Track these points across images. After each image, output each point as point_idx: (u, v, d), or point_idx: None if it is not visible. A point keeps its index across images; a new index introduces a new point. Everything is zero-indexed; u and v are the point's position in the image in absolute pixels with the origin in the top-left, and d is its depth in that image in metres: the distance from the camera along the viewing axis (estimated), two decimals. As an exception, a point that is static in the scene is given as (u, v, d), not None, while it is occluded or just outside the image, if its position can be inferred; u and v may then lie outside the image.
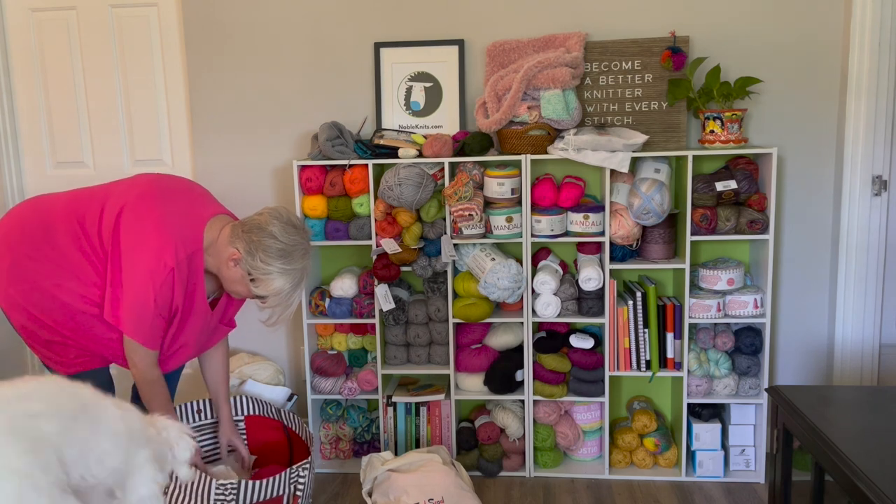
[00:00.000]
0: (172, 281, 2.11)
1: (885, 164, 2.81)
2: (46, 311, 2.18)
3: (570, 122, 2.76)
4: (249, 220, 2.18)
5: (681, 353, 2.76)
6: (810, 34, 2.84)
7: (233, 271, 2.16)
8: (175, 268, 2.09)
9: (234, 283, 2.20)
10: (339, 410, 3.05)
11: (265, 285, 2.14)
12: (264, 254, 2.11)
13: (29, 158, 3.28)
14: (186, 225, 2.15)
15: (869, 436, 1.91)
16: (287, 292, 2.16)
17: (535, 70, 2.71)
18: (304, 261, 2.19)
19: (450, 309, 2.83)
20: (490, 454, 2.90)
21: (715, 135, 2.69)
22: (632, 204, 2.68)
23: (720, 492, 2.75)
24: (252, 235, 2.12)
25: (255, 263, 2.12)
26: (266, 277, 2.13)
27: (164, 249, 2.08)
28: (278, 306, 2.20)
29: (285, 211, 2.21)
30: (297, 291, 2.20)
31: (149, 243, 2.09)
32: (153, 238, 2.09)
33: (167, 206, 2.16)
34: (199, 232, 2.17)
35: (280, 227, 2.14)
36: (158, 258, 2.08)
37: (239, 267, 2.14)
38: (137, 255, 2.09)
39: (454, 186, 2.70)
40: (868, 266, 2.86)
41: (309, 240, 2.24)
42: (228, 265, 2.16)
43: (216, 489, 2.21)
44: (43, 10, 3.18)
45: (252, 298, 2.22)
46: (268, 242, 2.11)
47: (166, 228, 2.11)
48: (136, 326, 2.12)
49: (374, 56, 3.01)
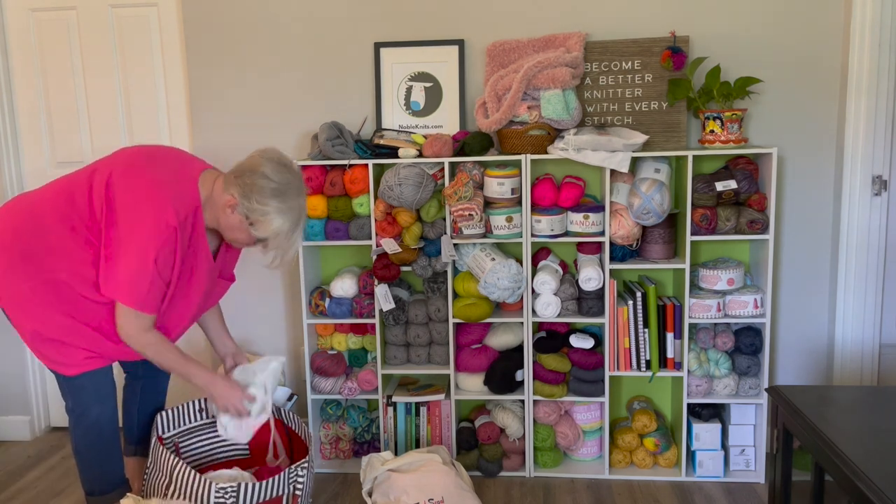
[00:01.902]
0: (175, 241, 2.10)
1: (885, 164, 2.81)
2: (50, 305, 2.17)
3: (570, 122, 2.76)
4: (241, 166, 2.19)
5: (681, 353, 2.76)
6: (810, 34, 2.84)
7: (231, 218, 2.17)
8: (178, 227, 2.09)
9: (233, 231, 2.20)
10: (339, 410, 3.05)
11: (264, 227, 2.15)
12: (259, 195, 2.12)
13: (29, 158, 3.28)
14: (180, 185, 2.16)
15: (869, 436, 1.91)
16: (286, 232, 2.17)
17: (535, 70, 2.71)
18: (299, 199, 2.20)
19: (450, 309, 2.83)
20: (490, 454, 2.90)
21: (715, 135, 2.69)
22: (632, 204, 2.68)
23: (720, 492, 2.75)
24: (245, 179, 2.14)
25: (251, 206, 2.13)
26: (264, 218, 2.13)
27: (163, 210, 2.08)
28: (279, 248, 2.20)
29: (274, 151, 2.23)
30: (297, 232, 2.21)
31: (146, 207, 2.08)
32: (150, 201, 2.09)
33: (156, 170, 2.16)
34: (194, 190, 2.18)
35: (271, 167, 2.16)
36: (158, 219, 2.07)
37: (236, 213, 2.15)
38: (135, 220, 2.08)
39: (454, 186, 2.70)
40: (868, 266, 2.86)
41: (301, 179, 2.25)
42: (226, 212, 2.16)
43: (216, 492, 2.21)
44: (43, 10, 3.17)
45: (253, 245, 2.23)
46: (261, 183, 2.13)
47: (161, 191, 2.11)
48: (131, 290, 2.10)
49: (374, 56, 3.01)
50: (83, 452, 2.36)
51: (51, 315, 2.18)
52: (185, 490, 2.24)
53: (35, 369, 3.37)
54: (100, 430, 2.34)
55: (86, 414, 2.31)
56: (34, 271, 2.17)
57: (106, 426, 2.35)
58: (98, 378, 2.30)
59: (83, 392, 2.30)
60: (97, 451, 2.36)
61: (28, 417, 3.36)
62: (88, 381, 2.29)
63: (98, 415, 2.32)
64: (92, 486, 2.39)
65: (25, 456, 3.20)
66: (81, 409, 2.31)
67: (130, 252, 2.08)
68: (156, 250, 2.07)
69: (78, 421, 2.33)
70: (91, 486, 2.39)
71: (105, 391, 2.33)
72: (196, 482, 2.23)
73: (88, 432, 2.33)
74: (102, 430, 2.34)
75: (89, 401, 2.31)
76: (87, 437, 2.34)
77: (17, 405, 3.36)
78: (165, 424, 2.59)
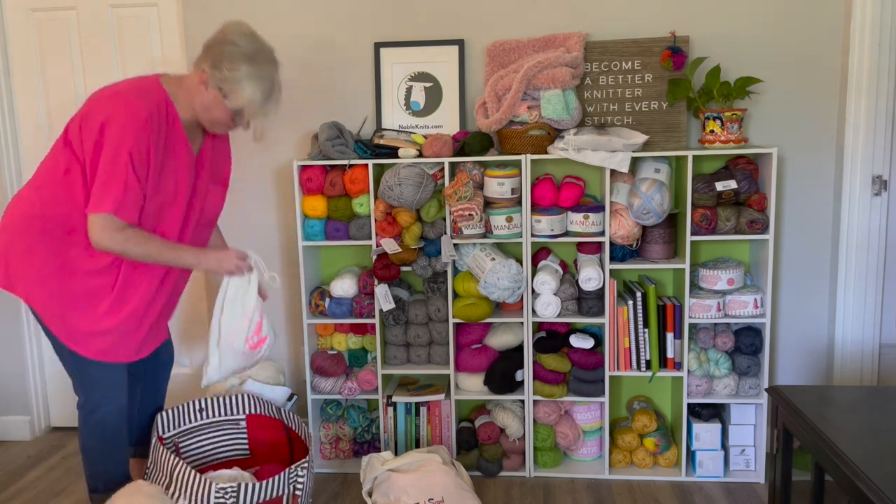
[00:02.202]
0: (148, 131, 2.09)
1: (885, 164, 2.81)
2: (75, 268, 2.19)
3: (570, 122, 2.76)
4: (209, 41, 2.21)
5: (681, 353, 2.76)
6: (810, 34, 2.84)
7: (205, 96, 2.18)
8: (148, 117, 2.09)
9: (209, 111, 2.20)
10: (339, 410, 3.05)
11: (237, 95, 2.15)
12: (229, 61, 2.14)
13: (29, 158, 3.27)
14: (143, 84, 2.18)
15: (869, 436, 1.91)
16: (260, 100, 2.18)
17: (535, 70, 2.71)
18: (271, 67, 2.21)
19: (450, 309, 2.83)
20: (490, 454, 2.90)
21: (715, 135, 2.69)
22: (632, 204, 2.69)
23: (720, 492, 2.75)
24: (214, 50, 2.16)
25: (222, 74, 2.14)
26: (236, 86, 2.14)
27: (130, 104, 2.09)
28: (256, 117, 2.21)
29: (244, 23, 2.24)
30: (271, 102, 2.21)
31: (114, 110, 2.09)
32: (116, 105, 2.10)
33: (115, 86, 2.19)
34: (157, 85, 2.19)
35: (239, 35, 2.18)
36: (128, 114, 2.08)
37: (210, 88, 2.16)
38: (107, 125, 2.08)
39: (454, 186, 2.70)
40: (868, 266, 2.86)
41: (273, 52, 2.26)
42: (200, 91, 2.18)
43: (216, 492, 2.21)
44: (43, 10, 3.17)
45: (232, 124, 2.23)
46: (230, 50, 2.15)
47: (126, 93, 2.13)
48: (105, 191, 2.08)
49: (374, 56, 3.01)
50: (90, 449, 2.38)
51: (79, 279, 2.19)
52: (185, 490, 2.24)
53: (35, 369, 3.37)
54: (108, 429, 2.36)
55: (96, 411, 2.33)
56: (57, 247, 2.18)
57: (114, 425, 2.37)
58: (112, 375, 2.31)
59: (96, 387, 2.31)
60: (104, 448, 2.38)
61: (28, 417, 3.36)
62: (103, 375, 2.30)
63: (107, 413, 2.34)
64: (96, 484, 2.41)
65: (25, 456, 3.20)
66: (92, 406, 2.33)
67: (108, 155, 2.07)
68: (129, 147, 2.06)
69: (87, 417, 2.34)
70: (95, 484, 2.41)
71: (117, 389, 2.34)
72: (196, 482, 2.23)
73: (96, 429, 2.35)
74: (111, 428, 2.36)
75: (101, 398, 2.32)
76: (94, 435, 2.36)
77: (17, 405, 3.36)
78: (165, 424, 2.60)
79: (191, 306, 3.27)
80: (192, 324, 3.30)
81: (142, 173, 2.11)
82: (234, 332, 2.37)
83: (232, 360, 2.41)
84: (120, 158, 2.06)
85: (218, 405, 2.70)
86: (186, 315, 3.27)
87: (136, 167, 2.08)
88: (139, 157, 2.09)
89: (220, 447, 2.73)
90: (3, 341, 3.32)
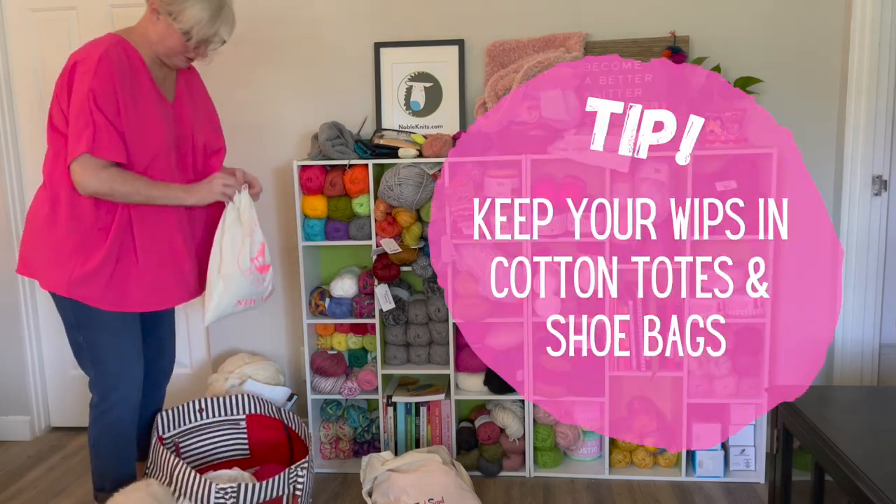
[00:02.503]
0: (109, 69, 2.12)
1: (885, 164, 2.81)
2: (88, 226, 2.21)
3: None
4: None
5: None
6: (810, 34, 2.84)
7: (158, 26, 2.21)
8: (104, 53, 2.12)
9: (164, 41, 2.22)
10: (339, 410, 3.05)
11: (185, 17, 2.18)
12: None
13: (29, 159, 3.27)
14: (98, 39, 2.21)
15: (869, 436, 1.92)
16: (208, 19, 2.20)
17: (535, 70, 2.71)
18: None
19: (450, 309, 2.83)
20: (490, 454, 2.90)
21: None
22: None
23: (720, 492, 2.75)
24: None
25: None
26: (184, 5, 2.17)
27: (86, 51, 2.14)
28: (207, 39, 2.24)
29: None
30: (219, 21, 2.24)
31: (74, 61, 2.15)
32: (76, 57, 2.16)
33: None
34: (110, 35, 2.23)
35: None
36: (85, 60, 2.12)
37: (161, 17, 2.20)
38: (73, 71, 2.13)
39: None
40: (868, 266, 2.86)
41: None
42: (152, 21, 2.22)
43: (216, 492, 2.21)
44: (43, 10, 3.17)
45: (186, 50, 2.25)
46: None
47: (84, 46, 2.18)
48: (77, 135, 2.11)
49: (374, 56, 3.01)
50: (100, 448, 2.39)
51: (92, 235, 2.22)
52: (185, 490, 2.24)
53: (35, 369, 3.37)
54: (119, 428, 2.37)
55: (109, 411, 2.34)
56: (76, 224, 2.21)
57: (126, 424, 2.38)
58: (127, 366, 2.33)
59: (107, 380, 2.32)
60: (114, 448, 2.39)
61: (28, 417, 3.36)
62: (119, 367, 2.32)
63: (122, 412, 2.35)
64: (103, 483, 2.40)
65: (25, 456, 3.20)
66: (107, 405, 2.34)
67: (74, 101, 2.12)
68: (91, 86, 2.09)
69: (100, 416, 2.35)
70: (102, 483, 2.41)
71: (131, 384, 2.35)
72: (196, 482, 2.23)
73: (109, 429, 2.36)
74: (123, 427, 2.37)
75: (115, 397, 2.33)
76: (106, 434, 2.36)
77: (17, 405, 3.36)
78: (165, 424, 2.60)
79: (190, 306, 3.27)
80: (192, 324, 3.30)
81: (111, 110, 2.13)
82: (237, 252, 2.37)
83: (238, 285, 2.39)
84: (85, 100, 2.10)
85: (218, 405, 2.70)
86: (187, 315, 3.27)
87: (102, 106, 2.11)
88: (104, 96, 2.11)
89: (220, 447, 2.73)
90: (3, 341, 3.32)
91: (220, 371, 3.01)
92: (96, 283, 2.22)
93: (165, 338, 2.59)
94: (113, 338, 2.31)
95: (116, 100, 2.13)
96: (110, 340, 2.31)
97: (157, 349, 2.54)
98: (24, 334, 3.32)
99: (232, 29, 2.32)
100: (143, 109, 2.21)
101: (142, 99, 2.21)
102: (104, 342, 2.30)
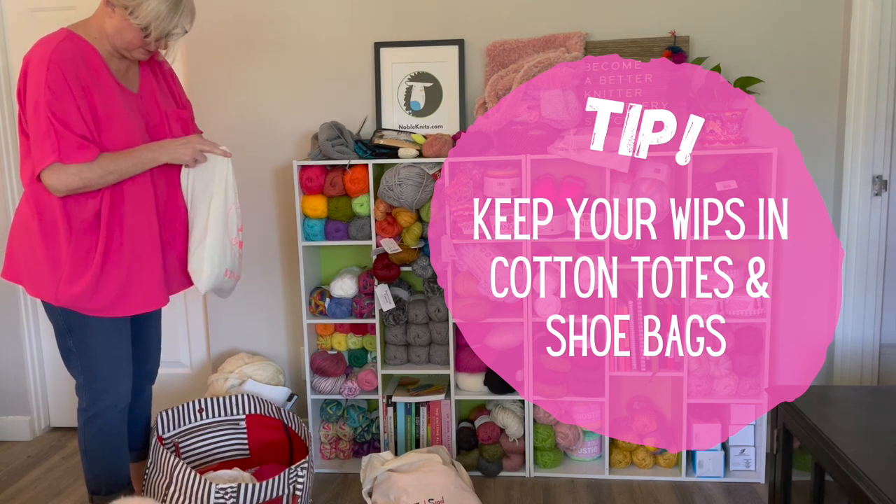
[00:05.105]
0: (60, 71, 2.07)
1: (885, 164, 2.81)
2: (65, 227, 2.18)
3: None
4: None
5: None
6: (810, 34, 2.84)
7: (114, 20, 2.15)
8: (52, 56, 2.07)
9: (121, 35, 2.16)
10: (339, 410, 3.05)
11: (143, 12, 2.11)
12: None
13: (29, 158, 3.27)
14: (48, 37, 2.18)
15: (869, 436, 1.92)
16: (166, 12, 2.13)
17: (535, 70, 2.71)
18: None
19: (450, 309, 2.83)
20: (490, 454, 2.90)
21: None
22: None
23: (720, 492, 2.75)
24: None
25: None
26: (139, 1, 2.11)
27: (36, 55, 2.11)
28: (166, 33, 2.17)
29: None
30: (179, 14, 2.16)
31: (26, 62, 2.13)
32: (27, 59, 2.14)
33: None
34: (61, 30, 2.19)
35: None
36: (34, 64, 2.09)
37: (116, 11, 2.14)
38: (27, 75, 2.11)
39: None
40: (868, 266, 2.86)
41: None
42: (107, 14, 2.15)
43: (216, 492, 2.21)
44: (43, 10, 3.17)
45: (145, 44, 2.18)
46: None
47: (34, 46, 2.15)
48: (39, 146, 2.07)
49: (374, 56, 3.01)
50: (91, 452, 2.36)
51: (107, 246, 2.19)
52: (185, 490, 2.24)
53: (35, 369, 3.37)
54: (109, 432, 2.34)
55: (98, 416, 2.31)
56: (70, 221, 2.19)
57: (115, 428, 2.35)
58: (117, 371, 2.31)
59: (96, 384, 2.29)
60: (106, 451, 2.36)
61: (28, 417, 3.36)
62: (109, 372, 2.29)
63: (110, 418, 2.32)
64: (97, 486, 2.38)
65: (25, 456, 3.20)
66: (95, 410, 2.31)
67: (29, 110, 2.08)
68: (43, 94, 2.05)
69: (90, 421, 2.32)
70: (96, 486, 2.38)
71: (121, 389, 2.33)
72: (196, 482, 2.23)
73: (98, 435, 2.33)
74: (112, 431, 2.35)
75: (104, 402, 2.31)
76: (97, 438, 2.34)
77: (17, 405, 3.36)
78: (165, 424, 2.60)
79: (190, 304, 3.27)
80: (192, 324, 3.30)
81: (68, 113, 2.08)
82: (225, 222, 2.33)
83: (224, 252, 2.35)
84: (41, 109, 2.05)
85: (218, 405, 2.70)
86: (187, 315, 3.27)
87: (57, 111, 2.06)
88: (58, 102, 2.06)
89: (220, 447, 2.73)
90: (4, 341, 3.32)
91: (220, 371, 3.01)
92: (85, 291, 2.18)
93: (151, 341, 2.56)
94: (104, 343, 2.28)
95: (73, 99, 2.08)
96: (101, 346, 2.27)
97: (143, 352, 2.52)
98: (24, 334, 3.32)
99: (193, 18, 2.24)
100: (105, 103, 2.16)
101: (101, 92, 2.16)
102: (95, 347, 2.27)
